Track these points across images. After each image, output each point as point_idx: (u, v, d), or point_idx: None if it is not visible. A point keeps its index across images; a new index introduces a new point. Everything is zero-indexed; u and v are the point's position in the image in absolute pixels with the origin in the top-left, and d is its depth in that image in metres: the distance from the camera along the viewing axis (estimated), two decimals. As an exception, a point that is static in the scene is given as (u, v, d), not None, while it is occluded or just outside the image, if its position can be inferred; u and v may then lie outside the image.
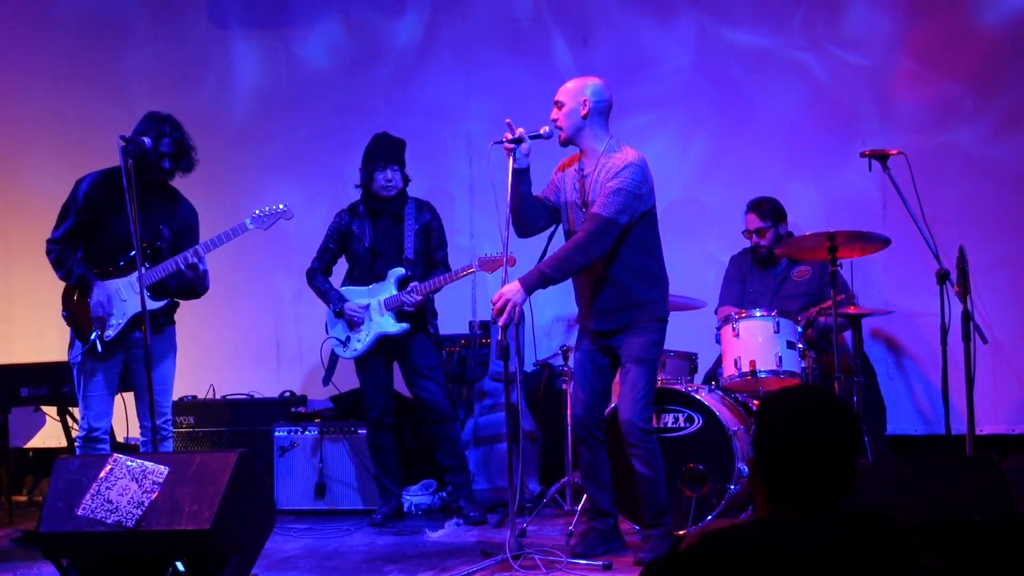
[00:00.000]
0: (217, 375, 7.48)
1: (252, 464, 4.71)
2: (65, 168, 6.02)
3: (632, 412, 5.11)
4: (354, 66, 7.89)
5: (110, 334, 5.51)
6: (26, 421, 7.66)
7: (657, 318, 5.18)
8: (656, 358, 5.20)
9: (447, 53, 7.77)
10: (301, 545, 5.93)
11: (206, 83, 8.06)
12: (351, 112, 7.80)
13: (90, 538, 4.46)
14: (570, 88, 5.15)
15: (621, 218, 4.99)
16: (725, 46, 7.35)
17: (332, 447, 6.81)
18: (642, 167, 5.05)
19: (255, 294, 7.93)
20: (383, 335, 6.31)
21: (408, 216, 6.38)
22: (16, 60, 8.27)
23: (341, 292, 6.41)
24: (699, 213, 7.30)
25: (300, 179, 7.86)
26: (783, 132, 7.22)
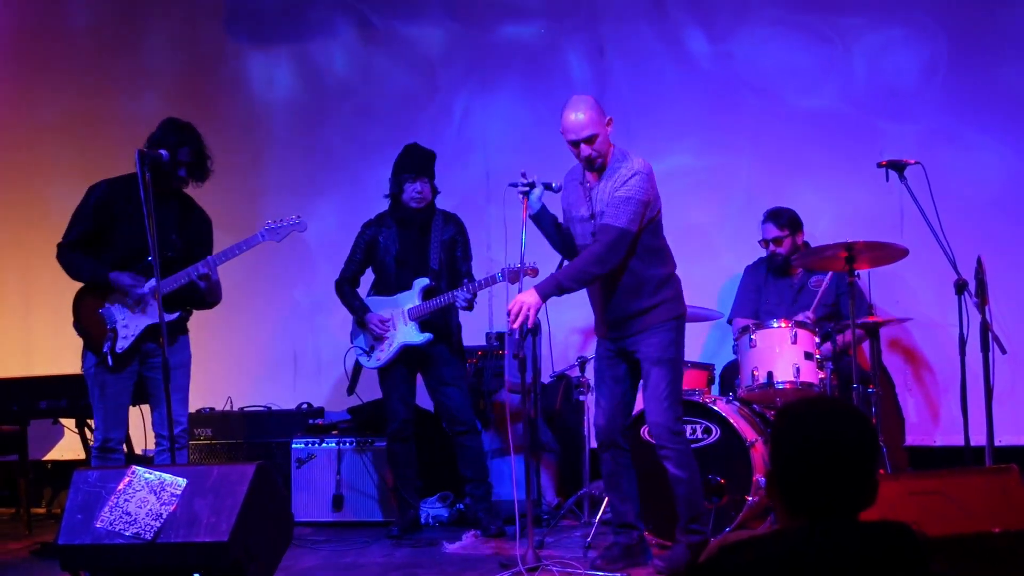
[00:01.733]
0: (235, 387, 7.49)
1: (270, 476, 4.71)
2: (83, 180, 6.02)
3: (658, 414, 5.09)
4: (370, 77, 7.92)
5: (123, 345, 5.50)
6: (45, 433, 7.69)
7: (671, 317, 5.16)
8: (675, 357, 5.16)
9: (464, 64, 7.78)
10: (319, 557, 5.93)
11: (222, 94, 8.09)
12: (368, 124, 7.82)
13: (108, 550, 4.46)
14: (592, 116, 5.05)
15: (633, 227, 5.00)
16: (739, 58, 7.35)
17: (349, 459, 6.81)
18: (648, 174, 5.07)
19: (273, 306, 7.94)
20: (407, 345, 6.31)
21: (435, 228, 6.39)
22: (34, 74, 8.33)
23: (366, 303, 6.42)
24: (715, 225, 7.29)
25: (316, 190, 7.88)
26: (799, 142, 7.20)
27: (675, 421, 5.13)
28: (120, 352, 5.50)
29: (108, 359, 5.49)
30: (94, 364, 5.55)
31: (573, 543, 5.91)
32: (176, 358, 5.56)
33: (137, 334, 5.52)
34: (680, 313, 5.23)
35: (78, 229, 5.62)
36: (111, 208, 5.57)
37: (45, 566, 5.76)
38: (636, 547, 5.28)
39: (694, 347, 6.95)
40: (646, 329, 5.14)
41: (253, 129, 8.03)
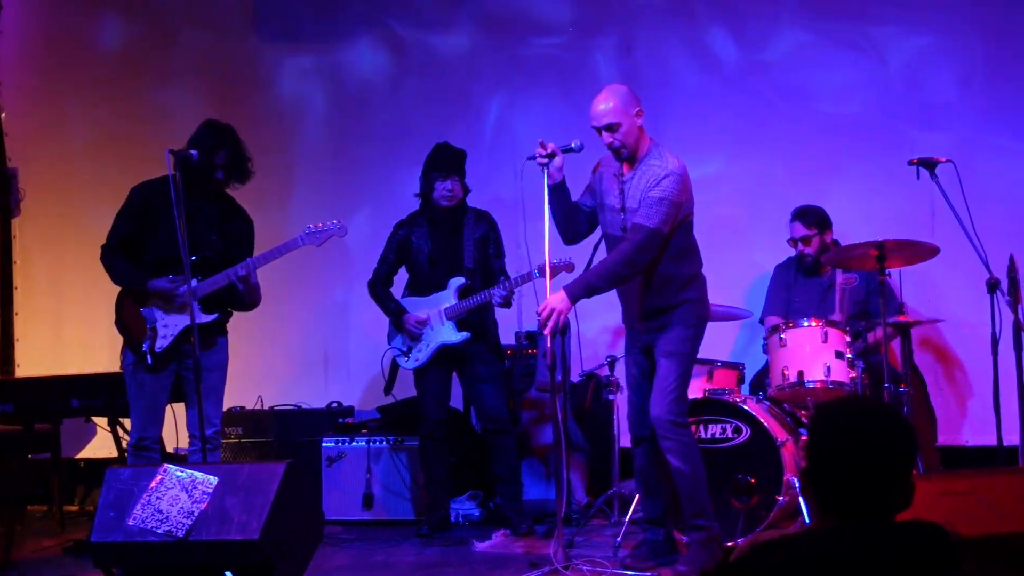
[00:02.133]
0: (265, 386, 7.52)
1: (300, 474, 4.73)
2: (116, 182, 6.08)
3: (660, 406, 5.08)
4: (400, 80, 7.92)
5: (162, 344, 5.54)
6: (77, 431, 7.72)
7: (693, 316, 5.15)
8: (689, 353, 5.15)
9: (491, 65, 7.78)
10: (349, 556, 5.95)
11: (254, 97, 8.12)
12: (398, 125, 7.83)
13: (140, 548, 4.49)
14: (619, 105, 5.05)
15: (664, 227, 4.99)
16: (768, 54, 7.32)
17: (379, 458, 6.83)
18: (682, 175, 5.04)
19: (303, 305, 7.96)
20: (445, 344, 6.32)
21: (467, 226, 6.40)
22: (66, 75, 8.38)
23: (401, 304, 6.43)
24: (744, 223, 7.27)
25: (349, 192, 7.90)
26: (830, 145, 7.17)
27: (679, 414, 5.10)
28: (159, 352, 5.53)
29: (147, 358, 5.52)
30: (132, 362, 5.58)
31: (603, 542, 5.90)
32: (213, 359, 5.58)
33: (176, 334, 5.54)
34: (703, 315, 5.21)
35: (121, 230, 5.66)
36: (152, 208, 5.59)
37: (78, 563, 5.80)
38: (663, 544, 5.27)
39: (723, 346, 6.93)
40: (669, 324, 5.13)
41: (285, 134, 8.04)
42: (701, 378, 6.15)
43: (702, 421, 5.74)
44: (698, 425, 5.75)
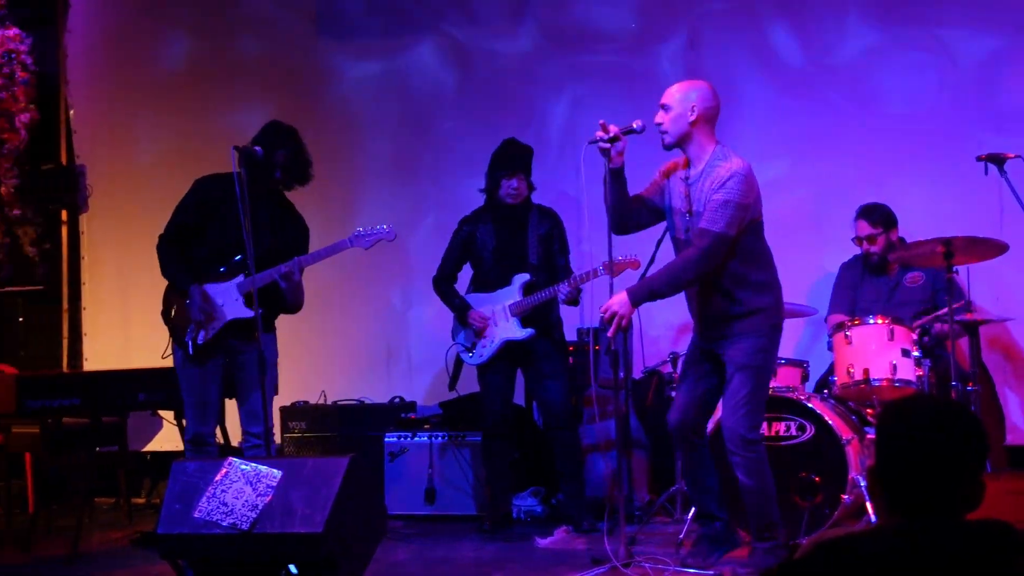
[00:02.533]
0: (328, 381, 7.57)
1: (363, 469, 4.76)
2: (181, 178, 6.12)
3: (733, 419, 4.99)
4: (464, 85, 7.92)
5: (204, 336, 5.55)
6: (144, 425, 7.82)
7: (767, 325, 5.06)
8: (762, 365, 5.04)
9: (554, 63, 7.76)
10: (410, 551, 5.97)
11: (316, 96, 8.15)
12: (463, 130, 7.83)
13: (206, 540, 4.54)
14: (676, 92, 5.04)
15: (731, 231, 4.89)
16: (833, 56, 7.25)
17: (442, 453, 6.85)
18: (747, 176, 4.94)
19: (366, 302, 8.00)
20: (509, 341, 6.33)
21: (531, 223, 6.41)
22: (133, 72, 8.48)
23: (466, 300, 6.45)
24: (809, 221, 7.20)
25: (413, 195, 7.92)
26: (895, 136, 7.09)
27: (750, 429, 5.00)
28: (201, 343, 5.54)
29: (189, 347, 5.55)
30: (180, 357, 5.63)
31: (665, 540, 5.88)
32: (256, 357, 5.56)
33: (219, 327, 5.56)
34: (777, 323, 5.11)
35: (177, 221, 5.71)
36: (213, 202, 5.64)
37: (145, 555, 5.87)
38: (720, 536, 5.21)
39: (788, 344, 6.87)
40: (740, 334, 5.03)
41: (350, 141, 8.04)
42: (763, 376, 6.11)
43: (766, 419, 5.70)
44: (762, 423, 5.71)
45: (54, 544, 6.44)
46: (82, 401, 6.31)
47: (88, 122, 8.55)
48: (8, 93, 8.33)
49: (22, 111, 8.34)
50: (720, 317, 5.08)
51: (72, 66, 8.57)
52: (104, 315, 8.48)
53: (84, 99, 8.56)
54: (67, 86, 8.57)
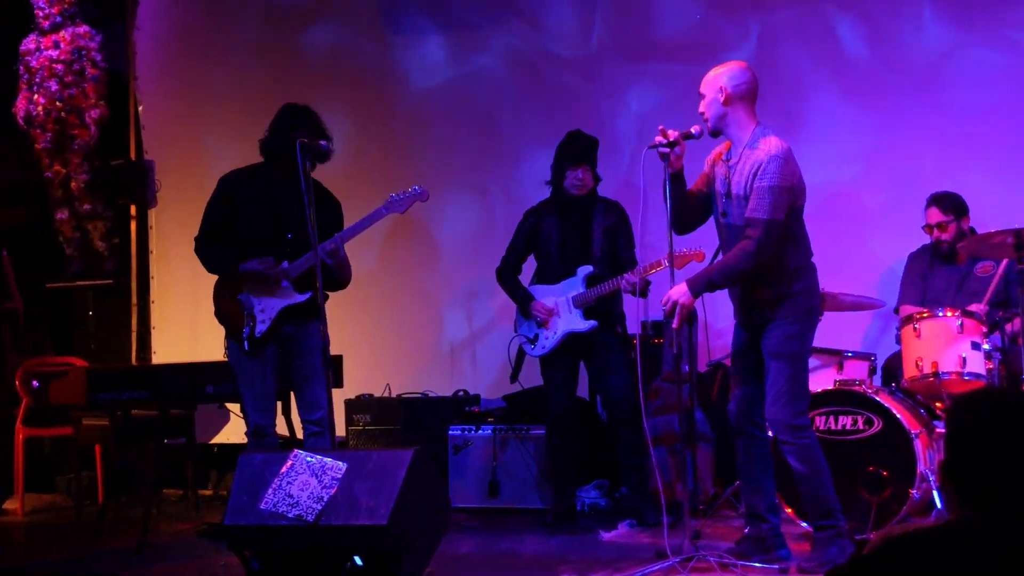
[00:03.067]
0: (393, 374, 7.60)
1: (427, 461, 4.76)
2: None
3: (775, 408, 4.98)
4: (522, 70, 7.90)
5: (261, 329, 5.54)
6: (211, 417, 7.90)
7: (801, 310, 5.01)
8: (798, 352, 5.02)
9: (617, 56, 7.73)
10: (474, 543, 5.98)
11: (384, 92, 8.18)
12: (520, 115, 7.82)
13: (272, 531, 4.57)
14: (709, 77, 5.05)
15: (779, 215, 4.87)
16: (904, 44, 7.14)
17: (505, 446, 6.86)
18: (786, 158, 4.90)
19: (429, 295, 8.02)
20: (571, 332, 6.31)
21: (596, 215, 6.38)
22: (200, 68, 8.57)
23: (529, 291, 6.44)
24: (877, 211, 7.11)
25: (480, 186, 7.93)
26: (964, 124, 6.98)
27: (794, 416, 4.97)
28: (258, 336, 5.54)
29: (245, 344, 5.55)
30: (236, 351, 5.63)
31: (730, 534, 5.83)
32: (311, 342, 5.52)
33: (273, 316, 5.55)
34: (811, 307, 5.08)
35: (210, 221, 5.72)
36: (237, 196, 5.65)
37: (212, 546, 5.93)
38: (767, 539, 5.13)
39: (855, 336, 6.81)
40: (772, 320, 5.01)
41: (416, 131, 8.08)
42: (831, 368, 6.06)
43: (832, 413, 5.65)
44: (828, 416, 5.66)
45: (123, 535, 6.52)
46: (150, 394, 6.38)
47: (156, 118, 8.65)
48: (79, 90, 8.46)
49: (92, 107, 8.47)
50: (755, 301, 5.06)
51: (141, 62, 8.68)
52: (172, 309, 8.57)
53: (152, 95, 8.66)
54: (136, 82, 8.68)
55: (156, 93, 8.66)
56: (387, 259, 7.92)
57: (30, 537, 7.01)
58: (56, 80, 8.40)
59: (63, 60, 8.41)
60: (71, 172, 8.56)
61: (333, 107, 7.66)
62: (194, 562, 5.73)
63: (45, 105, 8.45)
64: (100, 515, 6.68)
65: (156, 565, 5.76)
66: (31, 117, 8.50)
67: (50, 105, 8.44)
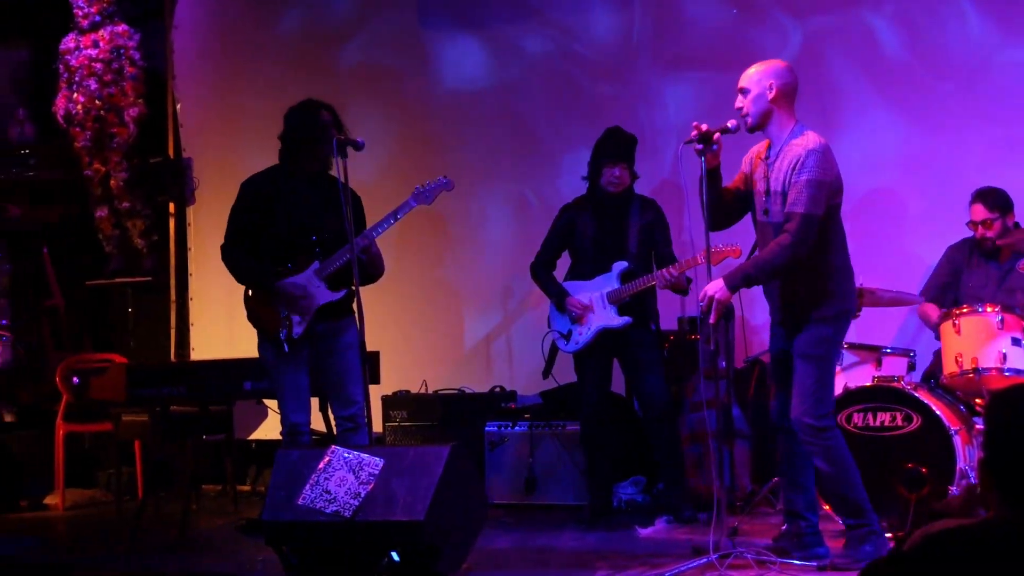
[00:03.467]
0: (429, 371, 7.61)
1: (464, 457, 4.78)
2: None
3: (799, 410, 4.95)
4: (558, 73, 7.88)
5: (298, 331, 5.55)
6: (249, 413, 7.95)
7: (833, 313, 4.98)
8: (825, 355, 4.99)
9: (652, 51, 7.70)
10: (511, 539, 5.98)
11: (417, 81, 8.19)
12: (555, 116, 7.81)
13: (310, 527, 4.60)
14: (753, 73, 5.01)
15: (817, 209, 4.83)
16: (945, 38, 7.08)
17: (542, 442, 6.85)
18: (825, 153, 4.88)
19: (466, 292, 8.03)
20: (605, 328, 6.30)
21: (633, 212, 6.37)
22: (238, 66, 8.61)
23: (563, 286, 6.44)
24: (917, 207, 7.05)
25: (515, 177, 7.92)
26: (1007, 123, 6.90)
27: (817, 417, 4.93)
28: (296, 337, 5.55)
29: (284, 346, 5.54)
30: (271, 353, 5.61)
31: (768, 531, 5.81)
32: (346, 339, 5.58)
33: (310, 317, 5.55)
34: (845, 310, 5.04)
35: (236, 227, 5.70)
36: (264, 200, 5.65)
37: (250, 541, 5.96)
38: (805, 537, 5.10)
39: (893, 332, 6.76)
40: (805, 321, 4.97)
41: (452, 123, 8.08)
42: (869, 364, 6.02)
43: (870, 409, 5.62)
44: (866, 413, 5.63)
45: (162, 530, 6.57)
46: (189, 390, 6.42)
47: (194, 115, 8.71)
48: (117, 88, 8.53)
49: (131, 106, 8.53)
50: (790, 302, 5.04)
51: (179, 61, 8.74)
52: (210, 305, 8.62)
53: (191, 93, 8.72)
54: (174, 81, 8.74)
55: (194, 91, 8.72)
56: (423, 256, 7.93)
57: (71, 532, 7.08)
58: (95, 79, 8.47)
59: (102, 59, 8.49)
60: (110, 170, 8.63)
61: (368, 107, 7.71)
62: (232, 557, 5.76)
63: (84, 104, 8.52)
64: (139, 510, 6.73)
65: (195, 560, 5.80)
66: (71, 116, 8.58)
67: (89, 104, 8.51)
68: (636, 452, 6.80)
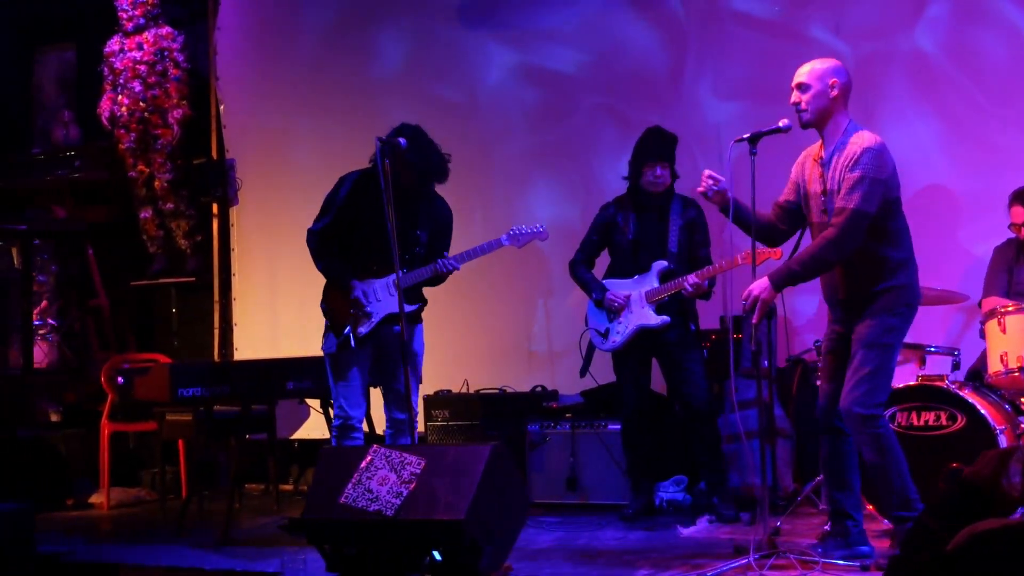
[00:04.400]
0: (471, 370, 7.62)
1: (505, 457, 4.78)
2: (324, 168, 6.24)
3: (850, 398, 4.88)
4: (598, 66, 7.85)
5: (363, 331, 5.66)
6: (292, 413, 7.99)
7: (900, 304, 4.92)
8: (890, 344, 4.92)
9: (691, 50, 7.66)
10: (553, 538, 5.98)
11: (456, 84, 8.19)
12: (598, 109, 7.79)
13: (352, 526, 4.61)
14: (817, 70, 4.98)
15: (869, 207, 4.80)
16: (986, 20, 7.00)
17: (583, 441, 6.85)
18: (880, 151, 4.86)
19: (507, 291, 8.02)
20: (643, 327, 6.29)
21: (674, 211, 6.36)
22: (280, 68, 8.65)
23: (603, 283, 6.43)
24: (962, 204, 6.98)
25: (546, 177, 7.92)
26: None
27: (869, 406, 4.87)
28: (362, 335, 5.67)
29: (351, 340, 5.66)
30: (335, 345, 5.73)
31: (810, 531, 5.78)
32: (412, 346, 5.70)
33: (378, 320, 5.68)
34: (911, 303, 4.99)
35: (328, 217, 5.81)
36: (360, 199, 5.73)
37: (293, 540, 5.97)
38: (850, 538, 5.04)
39: (938, 330, 6.70)
40: (871, 313, 4.92)
41: (483, 119, 8.09)
42: (913, 363, 5.98)
43: (915, 408, 5.58)
44: (910, 412, 5.59)
45: (206, 528, 6.61)
46: (232, 390, 6.47)
47: (237, 117, 8.76)
48: (161, 90, 8.61)
49: (175, 107, 8.60)
50: (855, 298, 4.98)
51: (222, 63, 8.80)
52: (253, 305, 8.68)
53: (233, 95, 8.77)
54: (217, 82, 8.80)
55: (237, 93, 8.77)
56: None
57: (116, 530, 7.13)
58: (139, 81, 8.55)
59: (146, 61, 8.56)
60: (154, 171, 8.70)
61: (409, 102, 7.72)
62: (275, 556, 5.79)
63: (129, 106, 8.60)
64: (183, 509, 6.78)
65: (239, 558, 5.83)
66: (115, 118, 8.66)
67: (134, 106, 8.59)
68: (677, 451, 6.78)
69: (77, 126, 9.29)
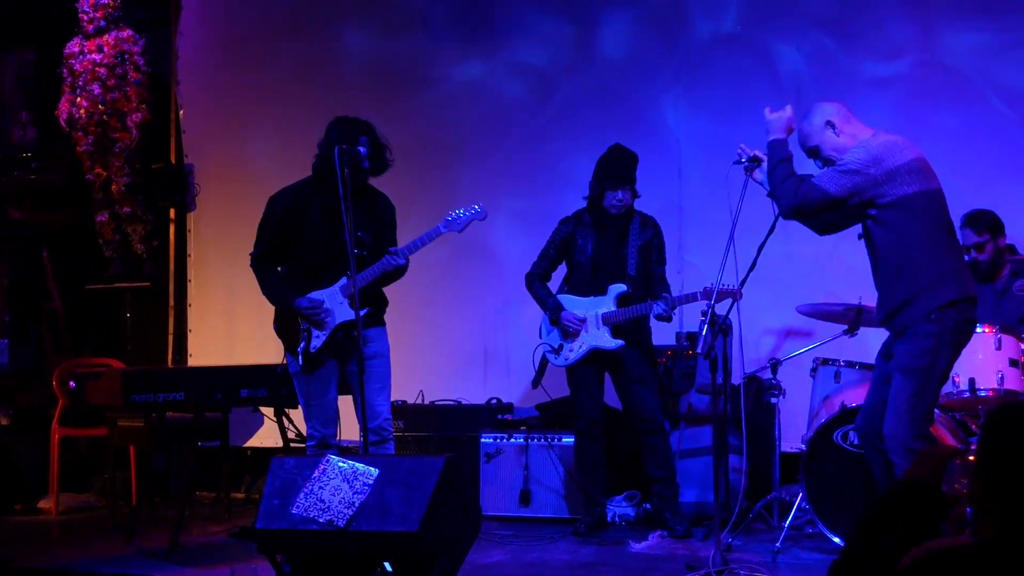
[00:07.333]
0: (426, 381, 7.61)
1: (459, 469, 4.77)
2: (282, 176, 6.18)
3: (894, 426, 4.75)
4: (565, 77, 7.88)
5: (316, 345, 5.60)
6: (245, 421, 7.94)
7: (935, 322, 4.73)
8: (927, 367, 4.74)
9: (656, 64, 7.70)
10: (505, 552, 5.98)
11: (421, 91, 8.19)
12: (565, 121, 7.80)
13: (303, 536, 4.58)
14: (805, 128, 4.98)
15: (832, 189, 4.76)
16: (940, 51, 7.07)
17: (537, 455, 6.85)
18: (867, 146, 4.81)
19: (464, 303, 8.03)
20: (597, 348, 6.31)
21: (632, 231, 6.37)
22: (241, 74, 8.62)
23: (559, 300, 6.44)
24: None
25: (513, 188, 7.92)
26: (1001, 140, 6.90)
27: (914, 438, 4.71)
28: (313, 352, 5.60)
29: (300, 358, 5.61)
30: (294, 365, 5.69)
31: (761, 548, 5.81)
32: (372, 348, 5.63)
33: (331, 330, 5.61)
34: (953, 324, 4.77)
35: (267, 240, 5.74)
36: (297, 215, 5.66)
37: (243, 548, 5.94)
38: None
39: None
40: (907, 328, 4.79)
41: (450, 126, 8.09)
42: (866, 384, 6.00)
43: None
44: (863, 432, 5.62)
45: (156, 535, 6.55)
46: (186, 396, 6.41)
47: (197, 122, 8.72)
48: (121, 94, 8.53)
49: (134, 111, 8.53)
50: (891, 311, 4.87)
51: (182, 67, 8.76)
52: (209, 312, 8.63)
53: (194, 100, 8.73)
54: (177, 87, 8.75)
55: (197, 98, 8.73)
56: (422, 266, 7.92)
57: (64, 536, 7.06)
58: (99, 83, 8.47)
59: (106, 64, 8.49)
60: (112, 175, 8.63)
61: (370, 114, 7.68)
62: (226, 564, 5.75)
63: (87, 108, 8.52)
64: (134, 515, 6.73)
65: (188, 566, 5.79)
66: (73, 120, 8.58)
67: (92, 108, 8.51)
68: (632, 466, 6.79)
69: (35, 128, 9.21)
